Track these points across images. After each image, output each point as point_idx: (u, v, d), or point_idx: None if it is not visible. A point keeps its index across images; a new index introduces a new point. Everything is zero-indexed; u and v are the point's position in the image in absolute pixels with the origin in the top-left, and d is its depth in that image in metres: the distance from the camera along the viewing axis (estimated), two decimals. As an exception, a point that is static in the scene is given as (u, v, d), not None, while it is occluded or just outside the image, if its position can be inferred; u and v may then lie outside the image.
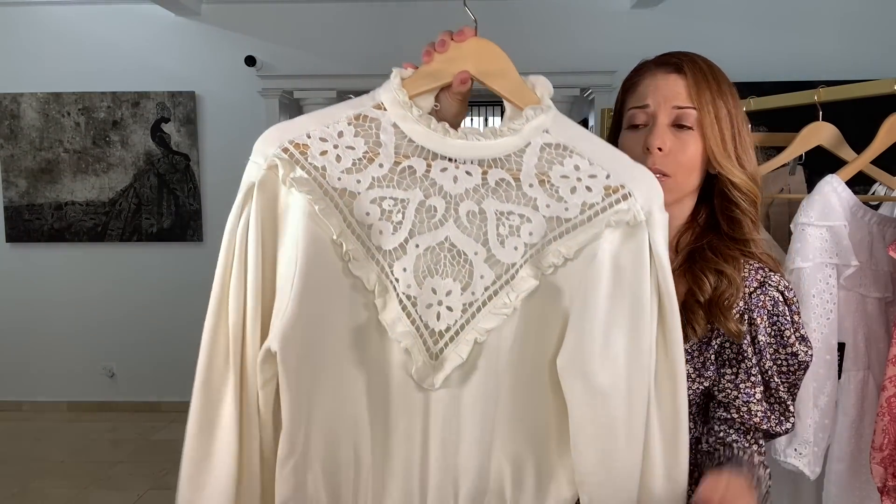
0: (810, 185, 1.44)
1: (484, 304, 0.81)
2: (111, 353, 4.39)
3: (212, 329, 0.82)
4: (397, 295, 0.81)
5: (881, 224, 1.39)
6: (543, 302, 0.81)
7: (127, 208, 4.27)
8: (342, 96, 4.79)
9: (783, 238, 1.64)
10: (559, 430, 0.83)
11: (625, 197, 0.80)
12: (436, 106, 0.86)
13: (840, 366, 1.36)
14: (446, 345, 0.81)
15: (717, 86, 0.98)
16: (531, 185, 0.81)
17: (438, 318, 0.81)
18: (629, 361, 0.80)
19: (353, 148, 0.82)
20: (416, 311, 0.81)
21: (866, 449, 1.33)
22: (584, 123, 4.69)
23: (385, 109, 0.83)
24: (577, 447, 0.81)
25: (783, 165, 1.64)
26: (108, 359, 4.40)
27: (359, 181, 0.81)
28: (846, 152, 1.52)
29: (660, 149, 0.97)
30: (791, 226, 1.36)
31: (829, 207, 1.34)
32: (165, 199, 4.26)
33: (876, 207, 1.61)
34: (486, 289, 0.81)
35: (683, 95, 0.97)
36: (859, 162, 1.43)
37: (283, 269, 0.81)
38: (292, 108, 4.46)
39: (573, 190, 0.81)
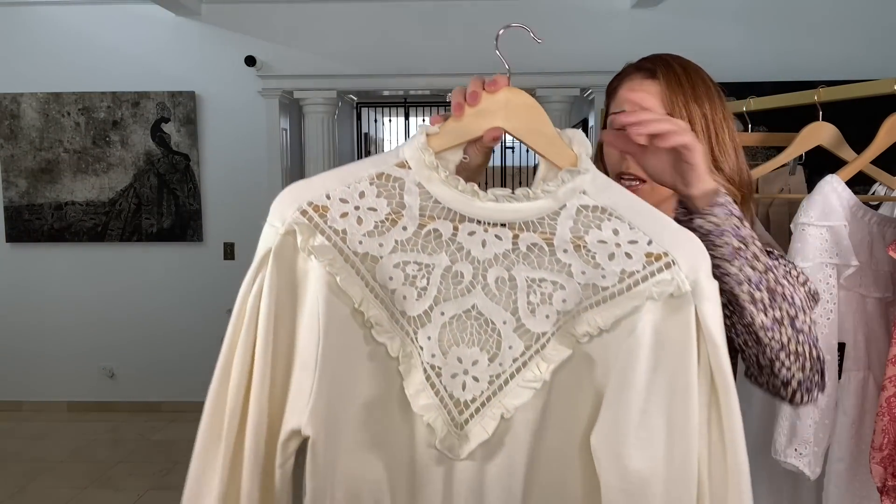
0: (810, 185, 1.44)
1: (512, 376, 0.77)
2: (111, 353, 4.39)
3: (213, 398, 0.78)
4: (421, 363, 0.78)
5: (881, 224, 1.39)
6: (576, 374, 0.77)
7: (127, 208, 4.27)
8: (342, 96, 4.79)
9: (783, 238, 1.64)
10: None
11: (668, 265, 0.74)
12: (464, 158, 0.81)
13: (840, 366, 1.36)
14: (472, 416, 0.77)
15: (691, 90, 0.98)
16: (565, 251, 0.77)
17: (464, 388, 0.78)
18: (671, 446, 0.73)
19: (374, 209, 0.78)
20: (440, 381, 0.78)
21: (866, 449, 1.33)
22: (584, 123, 4.69)
23: (409, 168, 0.79)
24: None
25: (783, 165, 1.64)
26: (108, 359, 4.40)
27: (381, 245, 0.78)
28: (846, 152, 1.52)
29: None
30: (791, 226, 1.36)
31: (829, 207, 1.34)
32: (165, 199, 4.26)
33: (876, 207, 1.61)
34: (515, 360, 0.77)
35: (656, 101, 0.98)
36: (859, 162, 1.43)
37: (303, 343, 0.78)
38: (292, 108, 4.46)
39: (611, 256, 0.75)
